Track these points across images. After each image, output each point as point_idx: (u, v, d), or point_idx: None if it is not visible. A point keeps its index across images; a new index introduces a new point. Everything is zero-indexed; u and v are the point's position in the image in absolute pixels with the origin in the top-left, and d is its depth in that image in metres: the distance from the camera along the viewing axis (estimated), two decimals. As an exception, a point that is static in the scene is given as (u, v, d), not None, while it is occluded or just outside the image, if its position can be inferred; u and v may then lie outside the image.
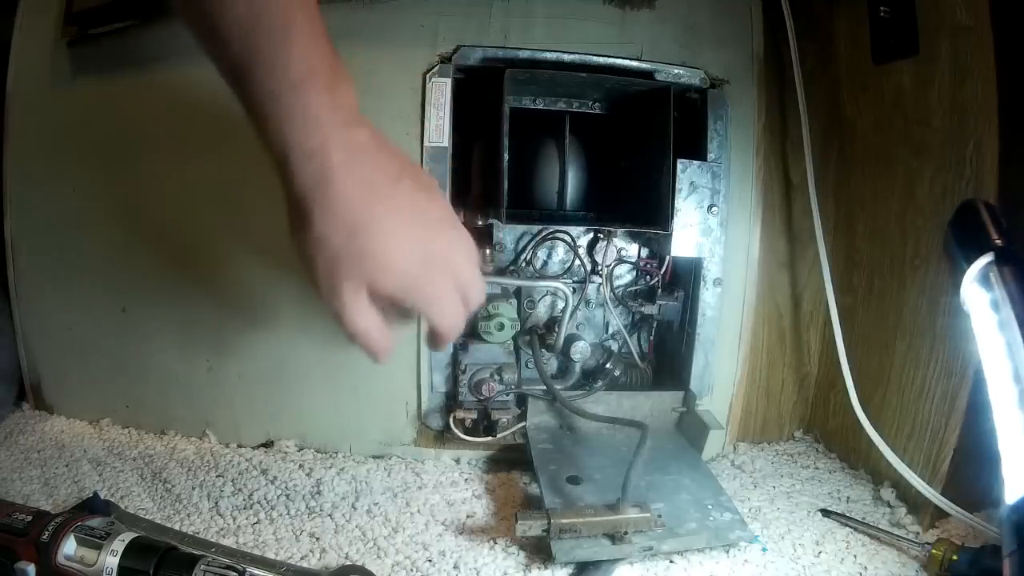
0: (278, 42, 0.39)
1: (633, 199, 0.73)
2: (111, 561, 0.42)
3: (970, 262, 0.45)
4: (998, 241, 0.45)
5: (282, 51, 0.40)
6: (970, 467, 0.56)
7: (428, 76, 0.64)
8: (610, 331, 0.76)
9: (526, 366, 0.72)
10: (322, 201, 0.41)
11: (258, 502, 0.60)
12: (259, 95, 0.40)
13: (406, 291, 0.45)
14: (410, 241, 0.44)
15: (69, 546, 0.43)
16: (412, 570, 0.52)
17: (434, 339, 0.50)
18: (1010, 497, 0.39)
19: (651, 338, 0.76)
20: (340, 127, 0.42)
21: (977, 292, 0.45)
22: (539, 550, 0.53)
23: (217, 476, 0.65)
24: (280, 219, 0.68)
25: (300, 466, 0.67)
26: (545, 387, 0.68)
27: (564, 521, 0.51)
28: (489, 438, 0.68)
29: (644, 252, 0.75)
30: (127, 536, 0.44)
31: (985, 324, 0.45)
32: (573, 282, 0.73)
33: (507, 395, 0.69)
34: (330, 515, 0.59)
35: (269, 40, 0.39)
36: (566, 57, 0.66)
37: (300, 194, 0.42)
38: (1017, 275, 0.44)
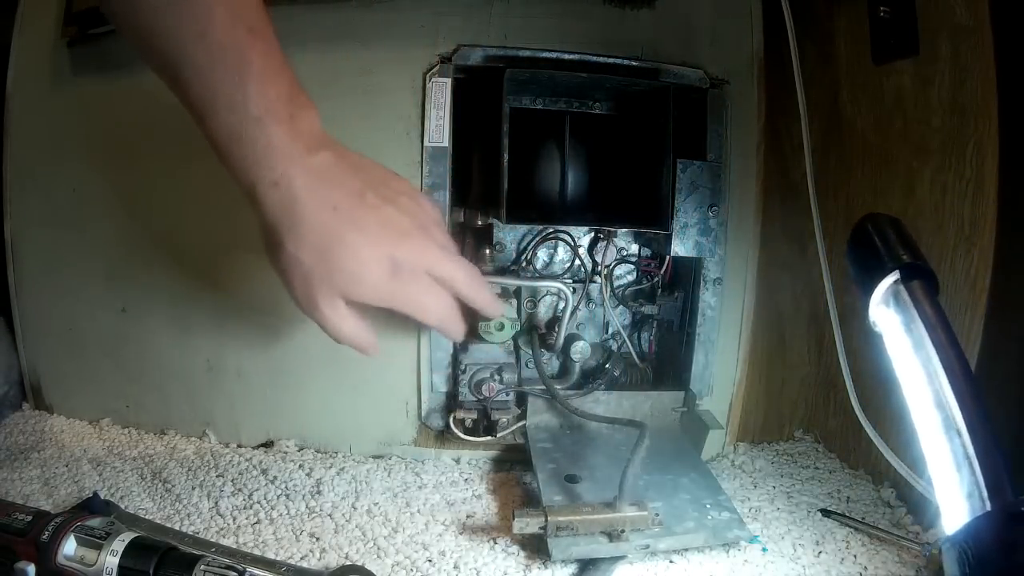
0: (236, 82, 0.43)
1: (633, 199, 0.73)
2: (111, 561, 0.42)
3: (876, 282, 0.42)
4: (905, 257, 0.42)
5: (240, 89, 0.43)
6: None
7: (428, 76, 0.64)
8: (610, 331, 0.76)
9: (526, 366, 0.72)
10: (290, 226, 0.45)
11: (258, 502, 0.60)
12: (222, 131, 0.44)
13: (381, 300, 0.49)
14: (376, 254, 0.48)
15: (69, 546, 0.43)
16: (412, 570, 0.52)
17: (443, 334, 0.55)
18: (948, 528, 0.37)
19: (651, 338, 0.76)
20: (302, 154, 0.45)
21: (887, 314, 0.42)
22: (539, 550, 0.53)
23: (217, 476, 0.65)
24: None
25: (300, 466, 0.67)
26: (545, 387, 0.68)
27: (561, 519, 0.51)
28: (489, 438, 0.68)
29: (644, 252, 0.75)
30: (127, 536, 0.44)
31: (900, 348, 0.42)
32: (573, 282, 0.73)
33: (507, 395, 0.69)
34: (330, 515, 0.59)
35: (228, 80, 0.43)
36: (566, 57, 0.66)
37: (270, 221, 0.46)
38: (928, 291, 0.41)
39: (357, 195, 0.48)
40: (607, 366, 0.72)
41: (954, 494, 0.37)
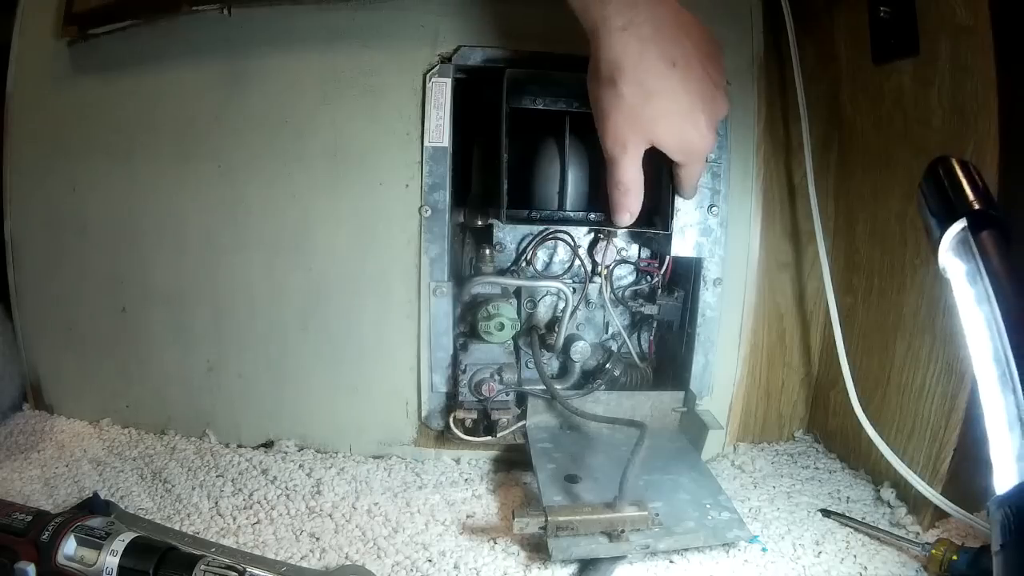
0: None
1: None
2: (111, 561, 0.42)
3: (943, 228, 0.41)
4: (976, 204, 0.40)
5: None
6: (970, 467, 0.56)
7: (428, 76, 0.64)
8: (610, 331, 0.76)
9: (526, 366, 0.72)
10: (631, 70, 0.48)
11: (258, 502, 0.60)
12: None
13: (687, 154, 0.53)
14: (700, 116, 0.51)
15: (69, 546, 0.43)
16: (412, 570, 0.52)
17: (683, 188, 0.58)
18: (998, 488, 0.37)
19: (651, 338, 0.76)
20: (650, 4, 0.47)
21: (954, 262, 0.41)
22: (539, 549, 0.53)
23: (217, 476, 0.65)
24: (280, 220, 0.68)
25: (300, 466, 0.67)
26: (545, 387, 0.68)
27: (561, 519, 0.51)
28: (489, 438, 0.68)
29: (644, 252, 0.75)
30: (127, 536, 0.44)
31: (963, 298, 0.41)
32: (573, 282, 0.73)
33: (507, 395, 0.69)
34: (330, 515, 0.59)
35: None
36: (567, 57, 0.66)
37: (611, 59, 0.48)
38: (996, 243, 0.39)
39: (693, 57, 0.50)
40: (607, 366, 0.72)
41: (1006, 456, 0.37)
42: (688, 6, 0.67)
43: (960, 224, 0.41)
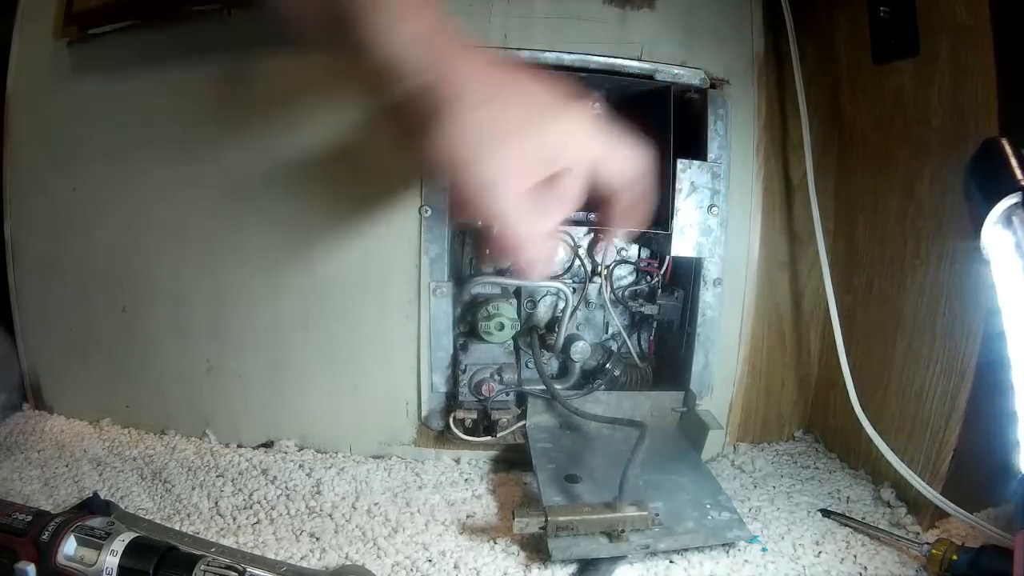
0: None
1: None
2: (111, 561, 0.42)
3: (992, 204, 0.43)
4: (1023, 181, 0.42)
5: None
6: (970, 467, 0.56)
7: (428, 76, 0.64)
8: (610, 331, 0.76)
9: (526, 366, 0.72)
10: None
11: (258, 502, 0.60)
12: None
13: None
14: None
15: (69, 546, 0.43)
16: (412, 570, 0.52)
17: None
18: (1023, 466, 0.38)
19: (651, 338, 0.76)
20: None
21: (1000, 235, 0.43)
22: (539, 550, 0.53)
23: (217, 476, 0.65)
24: (280, 220, 0.68)
25: (300, 466, 0.67)
26: (545, 387, 0.68)
27: (561, 519, 0.51)
28: (489, 438, 0.68)
29: (644, 252, 0.75)
30: (127, 536, 0.44)
31: (1008, 270, 0.42)
32: (573, 282, 0.73)
33: (507, 395, 0.69)
34: (330, 515, 0.59)
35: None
36: (566, 57, 0.66)
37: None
38: None
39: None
40: (607, 366, 0.72)
41: None
42: (688, 6, 0.68)
43: (1011, 199, 0.42)
